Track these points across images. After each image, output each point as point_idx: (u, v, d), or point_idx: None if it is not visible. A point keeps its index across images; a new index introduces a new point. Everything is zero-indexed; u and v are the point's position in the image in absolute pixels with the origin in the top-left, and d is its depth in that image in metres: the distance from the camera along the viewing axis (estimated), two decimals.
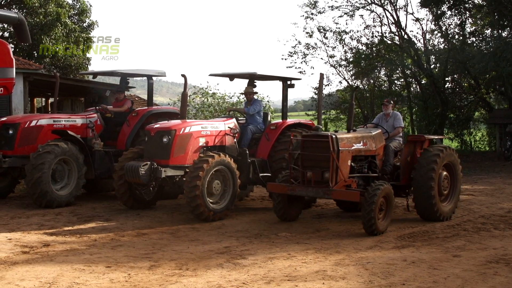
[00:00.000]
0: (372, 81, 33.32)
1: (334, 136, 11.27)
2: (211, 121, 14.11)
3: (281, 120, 14.72)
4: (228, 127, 13.75)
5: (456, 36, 31.04)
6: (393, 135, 13.14)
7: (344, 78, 33.68)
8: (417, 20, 32.50)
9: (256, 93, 14.82)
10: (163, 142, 12.77)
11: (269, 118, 14.80)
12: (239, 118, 14.32)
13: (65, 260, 9.04)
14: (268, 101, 33.04)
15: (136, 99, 36.64)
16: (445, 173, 12.71)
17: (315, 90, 32.10)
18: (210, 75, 15.32)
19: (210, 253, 9.56)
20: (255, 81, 14.74)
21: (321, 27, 33.24)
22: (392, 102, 13.85)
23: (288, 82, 14.78)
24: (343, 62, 33.36)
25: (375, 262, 8.99)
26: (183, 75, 13.47)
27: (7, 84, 17.20)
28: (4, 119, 15.24)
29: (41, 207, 13.69)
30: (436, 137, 13.88)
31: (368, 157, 12.17)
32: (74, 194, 14.33)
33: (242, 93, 15.16)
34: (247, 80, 14.82)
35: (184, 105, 13.76)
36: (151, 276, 8.18)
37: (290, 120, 14.82)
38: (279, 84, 14.84)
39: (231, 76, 14.64)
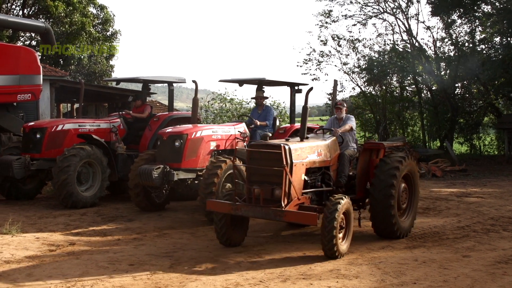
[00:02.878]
0: (384, 87, 33.22)
1: (287, 147, 9.34)
2: (221, 126, 14.07)
3: (289, 125, 14.69)
4: (238, 131, 13.73)
5: (466, 44, 30.90)
6: (344, 130, 11.26)
7: (357, 85, 33.64)
8: (428, 28, 32.45)
9: (267, 97, 14.76)
10: (175, 146, 12.78)
11: (277, 123, 14.76)
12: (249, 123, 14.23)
13: (90, 258, 9.11)
14: (284, 107, 33.09)
15: (157, 104, 36.81)
16: (403, 185, 10.98)
17: (329, 96, 32.06)
18: (220, 81, 15.31)
19: (228, 252, 9.59)
20: (263, 86, 14.68)
21: (335, 35, 33.20)
22: (345, 105, 12.07)
23: (296, 88, 14.74)
24: (356, 69, 33.31)
25: (387, 262, 8.99)
26: (194, 81, 13.49)
27: (35, 90, 17.46)
28: (32, 123, 15.35)
29: (67, 207, 13.80)
30: (395, 144, 12.27)
31: (321, 169, 10.37)
32: (99, 195, 14.42)
33: (253, 98, 14.92)
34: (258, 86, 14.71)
35: (195, 109, 13.76)
36: (172, 274, 8.23)
37: (298, 124, 14.76)
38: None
39: (240, 82, 14.61)
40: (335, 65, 40.27)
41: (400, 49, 32.52)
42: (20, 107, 18.28)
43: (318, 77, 33.28)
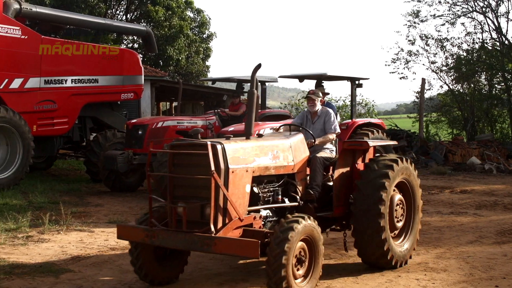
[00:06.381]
0: (472, 85, 32.28)
1: (219, 146, 6.60)
2: (281, 123, 13.85)
3: (350, 120, 13.78)
4: None
5: None
6: (321, 142, 8.50)
7: (445, 83, 32.85)
8: None
9: (327, 93, 14.16)
10: None
11: (338, 118, 13.97)
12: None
13: None
14: (373, 105, 32.66)
15: None
16: (399, 196, 8.15)
17: (417, 94, 31.49)
18: (280, 77, 15.07)
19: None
20: (322, 82, 13.85)
21: (423, 35, 32.53)
22: (321, 94, 9.08)
23: (357, 82, 13.83)
24: (444, 68, 32.54)
25: (476, 256, 8.75)
26: (252, 77, 13.20)
27: (137, 89, 17.99)
28: (134, 121, 15.83)
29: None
30: (386, 143, 9.96)
31: (282, 177, 7.55)
32: None
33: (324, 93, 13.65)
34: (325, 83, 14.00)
35: (257, 107, 13.51)
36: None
37: (360, 120, 14.08)
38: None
39: (301, 78, 14.02)
40: (423, 64, 39.38)
41: (489, 47, 31.52)
42: (123, 106, 18.90)
43: (406, 76, 32.73)
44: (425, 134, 28.77)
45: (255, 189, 7.10)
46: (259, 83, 16.75)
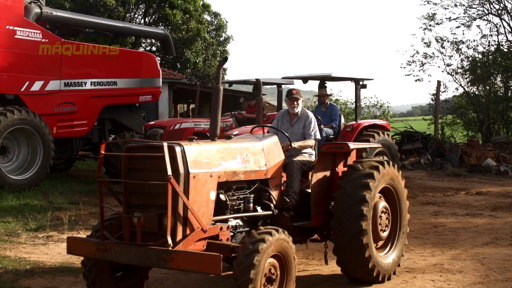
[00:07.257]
0: (487, 87, 32.04)
1: (178, 148, 5.80)
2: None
3: (355, 122, 13.69)
4: None
5: None
6: (299, 147, 7.79)
7: (461, 85, 32.64)
8: None
9: (330, 95, 14.09)
10: None
11: (342, 120, 13.64)
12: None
13: None
14: (388, 106, 32.54)
15: (267, 105, 37.13)
16: (383, 203, 7.40)
17: (432, 96, 31.32)
18: (283, 78, 14.98)
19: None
20: (326, 83, 13.77)
21: (438, 38, 32.36)
22: (302, 95, 8.32)
23: (360, 83, 13.78)
24: (460, 70, 32.34)
25: (491, 258, 8.70)
26: (257, 80, 13.26)
27: (155, 92, 18.07)
28: (152, 122, 15.93)
29: None
30: (370, 145, 9.65)
31: (254, 183, 6.77)
32: None
33: (316, 96, 13.58)
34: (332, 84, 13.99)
35: (260, 110, 13.54)
36: None
37: (364, 121, 13.97)
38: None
39: (305, 79, 13.91)
40: (438, 66, 39.16)
41: (505, 50, 31.30)
42: (141, 108, 18.95)
43: (421, 78, 32.58)
44: (441, 136, 28.62)
45: (222, 196, 6.31)
46: (273, 86, 16.89)
